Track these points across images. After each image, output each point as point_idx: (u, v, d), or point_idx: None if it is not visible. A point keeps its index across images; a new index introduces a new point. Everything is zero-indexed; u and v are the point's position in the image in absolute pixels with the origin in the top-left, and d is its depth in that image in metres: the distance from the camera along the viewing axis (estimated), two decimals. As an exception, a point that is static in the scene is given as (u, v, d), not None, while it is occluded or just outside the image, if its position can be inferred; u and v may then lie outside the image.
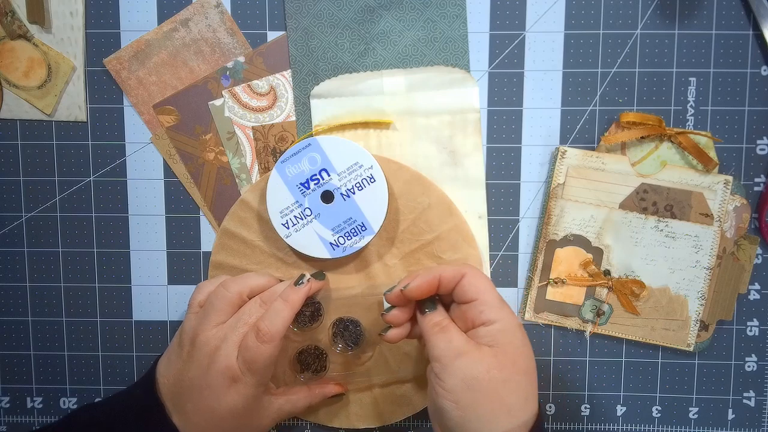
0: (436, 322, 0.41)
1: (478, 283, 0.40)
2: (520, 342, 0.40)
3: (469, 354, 0.38)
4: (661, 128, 0.48)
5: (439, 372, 0.39)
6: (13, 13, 0.49)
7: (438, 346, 0.39)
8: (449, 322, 0.41)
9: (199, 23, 0.49)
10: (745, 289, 0.50)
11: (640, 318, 0.50)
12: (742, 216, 0.49)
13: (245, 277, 0.46)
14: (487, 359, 0.38)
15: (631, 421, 0.52)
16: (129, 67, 0.50)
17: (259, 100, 0.50)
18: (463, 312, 0.41)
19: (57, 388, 0.52)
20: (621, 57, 0.49)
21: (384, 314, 0.43)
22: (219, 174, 0.50)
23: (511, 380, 0.38)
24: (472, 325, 0.40)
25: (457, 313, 0.41)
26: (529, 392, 0.39)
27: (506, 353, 0.39)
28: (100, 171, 0.51)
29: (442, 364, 0.39)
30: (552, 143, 0.50)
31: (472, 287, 0.40)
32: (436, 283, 0.41)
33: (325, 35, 0.49)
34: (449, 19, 0.49)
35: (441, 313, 0.41)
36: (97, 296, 0.52)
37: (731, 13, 0.49)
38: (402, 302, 0.43)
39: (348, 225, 0.48)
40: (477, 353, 0.39)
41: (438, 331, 0.40)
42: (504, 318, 0.40)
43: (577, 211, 0.49)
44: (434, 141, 0.49)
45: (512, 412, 0.38)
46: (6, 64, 0.49)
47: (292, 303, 0.44)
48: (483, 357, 0.38)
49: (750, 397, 0.51)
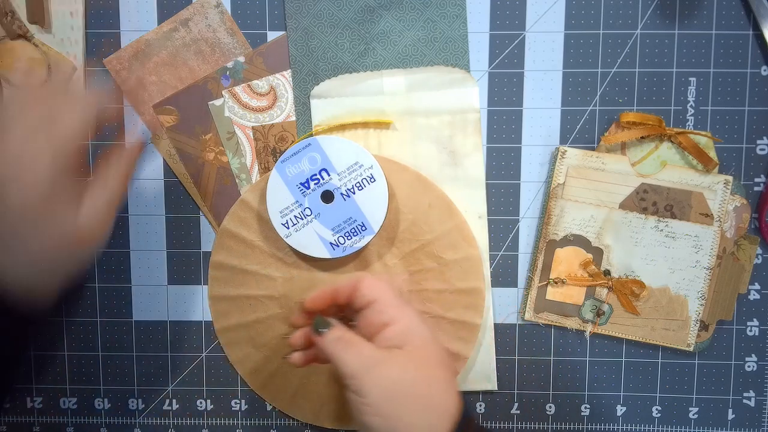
0: (338, 338, 0.39)
1: (375, 285, 0.40)
2: (427, 336, 0.39)
3: (382, 361, 0.37)
4: (661, 128, 0.48)
5: (358, 389, 0.37)
6: (13, 13, 0.49)
7: (349, 362, 0.38)
8: (352, 335, 0.39)
9: (199, 23, 0.49)
10: (745, 289, 0.50)
11: (640, 318, 0.50)
12: (742, 216, 0.49)
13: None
14: (400, 361, 0.38)
15: (631, 421, 0.52)
16: (129, 67, 0.50)
17: (259, 100, 0.50)
18: (365, 318, 0.40)
19: (57, 388, 0.52)
20: (621, 57, 0.49)
21: (289, 338, 0.43)
22: (219, 174, 0.50)
23: (428, 376, 0.38)
24: (376, 329, 0.39)
25: (361, 324, 0.40)
26: (448, 384, 0.38)
27: (417, 350, 0.38)
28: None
29: (358, 379, 0.37)
30: (552, 143, 0.50)
31: (368, 290, 0.40)
32: (332, 295, 0.41)
33: (325, 35, 0.49)
34: (449, 19, 0.49)
35: (340, 328, 0.40)
36: (97, 296, 0.52)
37: (731, 13, 0.49)
38: (304, 321, 0.42)
39: (348, 225, 0.48)
40: (390, 358, 0.38)
41: (343, 346, 0.38)
42: (406, 315, 0.39)
43: (577, 211, 0.49)
44: (434, 141, 0.49)
45: (436, 407, 0.37)
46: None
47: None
48: (396, 360, 0.38)
49: (750, 397, 0.51)
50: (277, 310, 0.50)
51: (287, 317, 0.50)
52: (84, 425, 0.53)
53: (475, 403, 0.52)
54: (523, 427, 0.52)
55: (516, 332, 0.51)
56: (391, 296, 0.40)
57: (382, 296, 0.39)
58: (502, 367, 0.51)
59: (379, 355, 0.38)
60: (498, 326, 0.51)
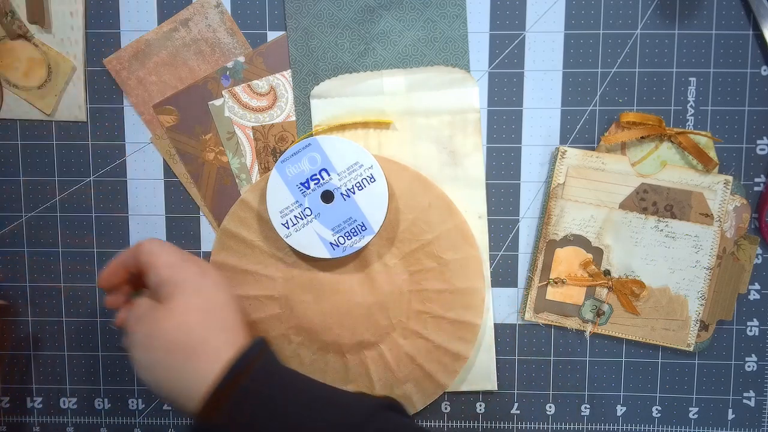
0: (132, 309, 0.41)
1: (149, 249, 0.41)
2: (197, 286, 0.39)
3: (142, 318, 0.39)
4: (661, 128, 0.48)
5: (127, 345, 0.39)
6: (13, 13, 0.49)
7: (128, 325, 0.40)
8: (142, 299, 0.41)
9: (199, 23, 0.49)
10: (745, 289, 0.50)
11: (640, 318, 0.50)
12: (742, 216, 0.49)
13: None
14: (157, 315, 0.38)
15: (631, 421, 0.52)
16: (129, 67, 0.50)
17: (259, 100, 0.50)
18: (148, 281, 0.41)
19: (57, 388, 0.52)
20: (621, 57, 0.49)
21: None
22: (219, 174, 0.50)
23: (187, 325, 0.38)
24: (155, 290, 0.40)
25: (150, 287, 0.41)
26: (220, 330, 0.38)
27: (183, 295, 0.39)
28: (100, 171, 0.51)
29: (130, 339, 0.39)
30: (552, 143, 0.50)
31: (144, 255, 0.41)
32: (120, 267, 0.42)
33: (325, 35, 0.49)
34: (449, 19, 0.49)
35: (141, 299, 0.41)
36: (96, 296, 0.52)
37: (731, 13, 0.49)
38: (116, 302, 0.44)
39: (348, 225, 0.48)
40: (149, 313, 0.39)
41: (130, 311, 0.41)
42: (180, 270, 0.40)
43: (577, 211, 0.49)
44: (434, 141, 0.49)
45: (199, 355, 0.37)
46: (6, 64, 0.49)
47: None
48: (153, 315, 0.38)
49: (750, 397, 0.51)
50: (277, 310, 0.50)
51: (287, 317, 0.50)
52: (84, 425, 0.53)
53: (475, 403, 0.52)
54: (523, 427, 0.52)
55: (516, 332, 0.51)
56: (166, 257, 0.40)
57: (157, 259, 0.40)
58: (502, 367, 0.51)
59: (141, 312, 0.39)
60: (498, 326, 0.51)
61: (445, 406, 0.52)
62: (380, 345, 0.50)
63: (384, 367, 0.49)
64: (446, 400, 0.52)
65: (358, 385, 0.50)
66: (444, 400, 0.52)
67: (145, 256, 0.41)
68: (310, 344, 0.50)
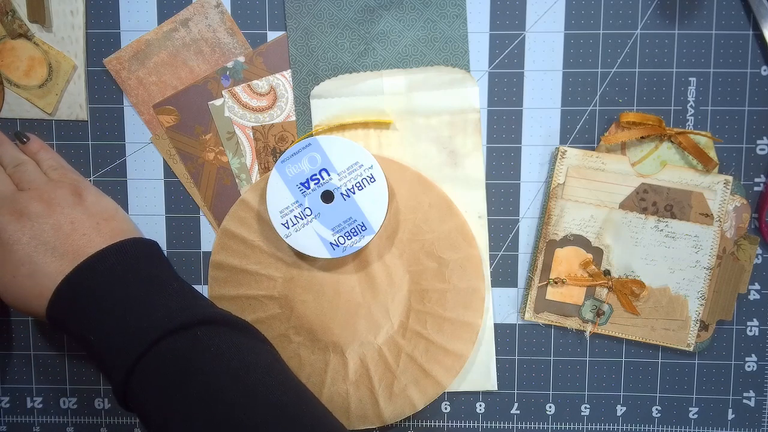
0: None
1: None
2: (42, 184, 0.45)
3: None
4: (661, 128, 0.48)
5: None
6: (14, 12, 0.49)
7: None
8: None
9: (199, 23, 0.49)
10: (745, 289, 0.50)
11: (640, 318, 0.50)
12: (742, 216, 0.49)
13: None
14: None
15: (631, 421, 0.52)
16: (129, 67, 0.50)
17: (259, 100, 0.50)
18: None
19: (57, 388, 0.52)
20: (621, 57, 0.49)
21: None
22: (219, 174, 0.50)
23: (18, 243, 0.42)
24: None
25: None
26: (53, 241, 0.42)
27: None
28: (100, 171, 0.51)
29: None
30: (552, 143, 0.50)
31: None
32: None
33: (325, 35, 0.49)
34: (449, 19, 0.49)
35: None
36: (97, 296, 0.52)
37: (731, 13, 0.49)
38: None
39: (348, 225, 0.48)
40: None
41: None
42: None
43: (577, 211, 0.49)
44: (434, 141, 0.49)
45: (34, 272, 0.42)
46: (7, 63, 0.49)
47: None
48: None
49: (750, 397, 0.51)
50: (277, 310, 0.50)
51: (287, 317, 0.50)
52: (84, 425, 0.53)
53: (475, 403, 0.52)
54: (523, 427, 0.52)
55: (516, 332, 0.51)
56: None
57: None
58: (502, 367, 0.51)
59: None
60: (498, 326, 0.51)
61: (445, 406, 0.52)
62: (380, 345, 0.50)
63: (384, 367, 0.50)
64: (446, 400, 0.52)
65: (358, 384, 0.50)
66: (444, 400, 0.52)
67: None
68: (310, 344, 0.50)
